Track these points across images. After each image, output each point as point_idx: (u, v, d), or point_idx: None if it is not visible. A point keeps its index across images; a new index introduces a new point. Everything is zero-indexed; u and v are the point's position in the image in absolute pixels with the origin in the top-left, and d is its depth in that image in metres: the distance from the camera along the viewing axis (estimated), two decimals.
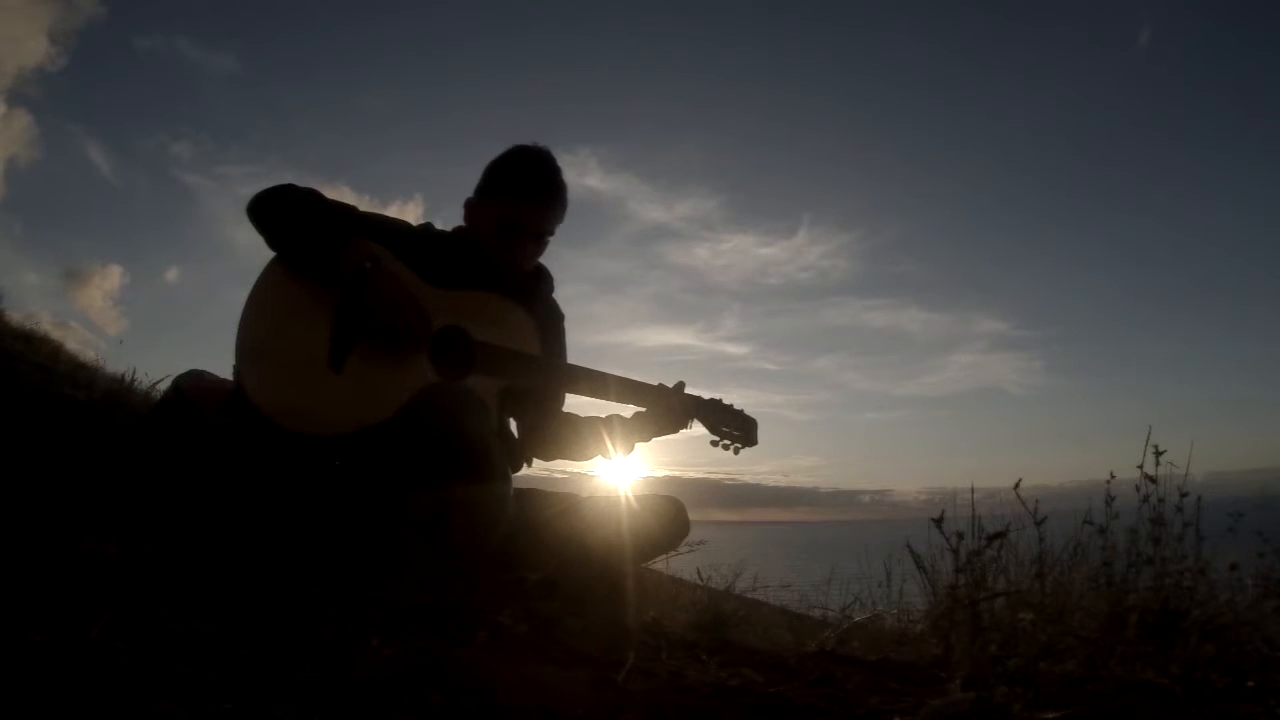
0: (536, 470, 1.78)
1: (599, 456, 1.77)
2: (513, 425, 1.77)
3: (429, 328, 1.49)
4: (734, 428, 1.77)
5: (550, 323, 1.77)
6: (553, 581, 1.49)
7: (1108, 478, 1.70)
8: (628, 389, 1.67)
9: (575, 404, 1.81)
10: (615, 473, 1.79)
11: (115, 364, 3.20)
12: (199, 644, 0.90)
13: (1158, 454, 1.62)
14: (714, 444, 1.76)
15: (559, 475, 1.90)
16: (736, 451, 1.78)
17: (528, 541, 1.54)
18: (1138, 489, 1.63)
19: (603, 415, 1.78)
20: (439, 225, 1.75)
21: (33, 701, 0.71)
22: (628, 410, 1.75)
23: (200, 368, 1.73)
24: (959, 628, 1.44)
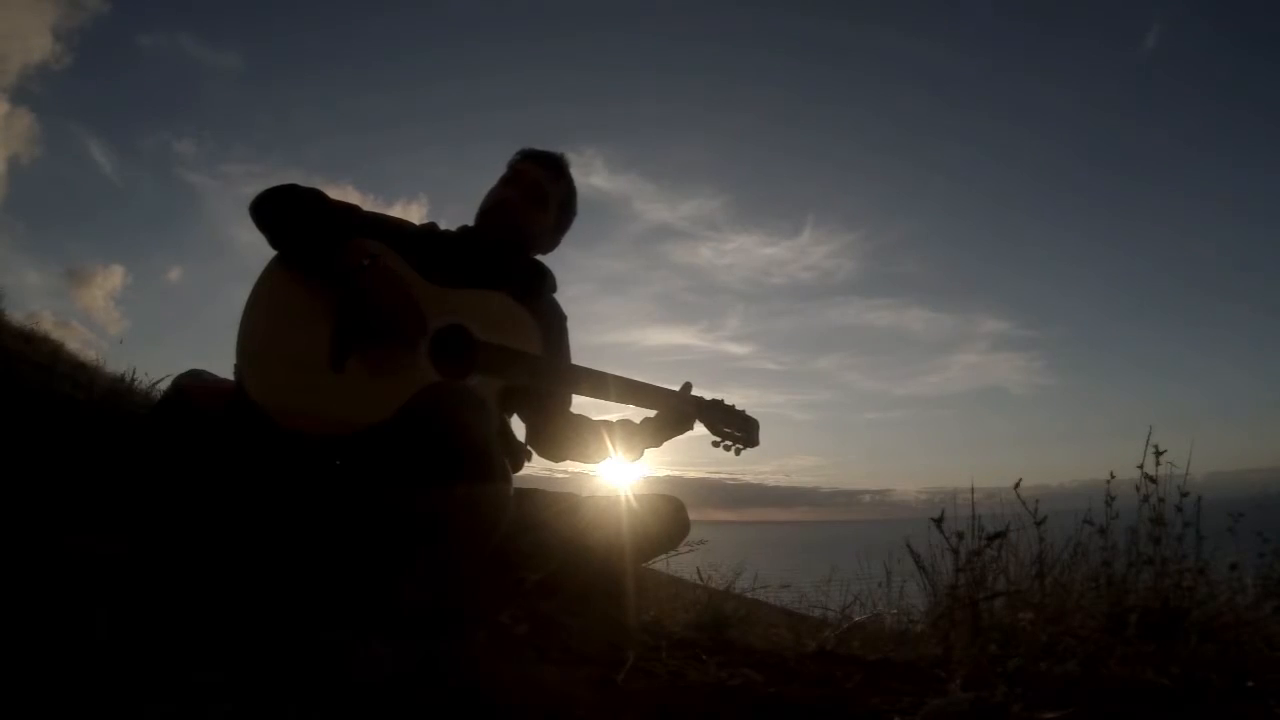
0: (537, 470, 1.78)
1: (605, 459, 1.78)
2: (518, 426, 1.77)
3: (424, 324, 1.49)
4: (735, 428, 1.77)
5: (553, 322, 1.77)
6: (553, 581, 1.49)
7: (1108, 478, 1.70)
8: (629, 389, 1.67)
9: (585, 406, 1.81)
10: (615, 473, 1.79)
11: (115, 364, 3.21)
12: (199, 644, 0.90)
13: (1158, 454, 1.62)
14: (715, 444, 1.76)
15: (559, 475, 1.90)
16: (738, 452, 1.78)
17: (528, 541, 1.54)
18: (1138, 489, 1.63)
19: (614, 418, 1.79)
20: (443, 226, 1.77)
21: (33, 702, 0.71)
22: (639, 414, 1.76)
23: (200, 368, 1.73)
24: (959, 628, 1.44)
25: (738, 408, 1.80)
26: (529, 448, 1.75)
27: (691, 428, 1.75)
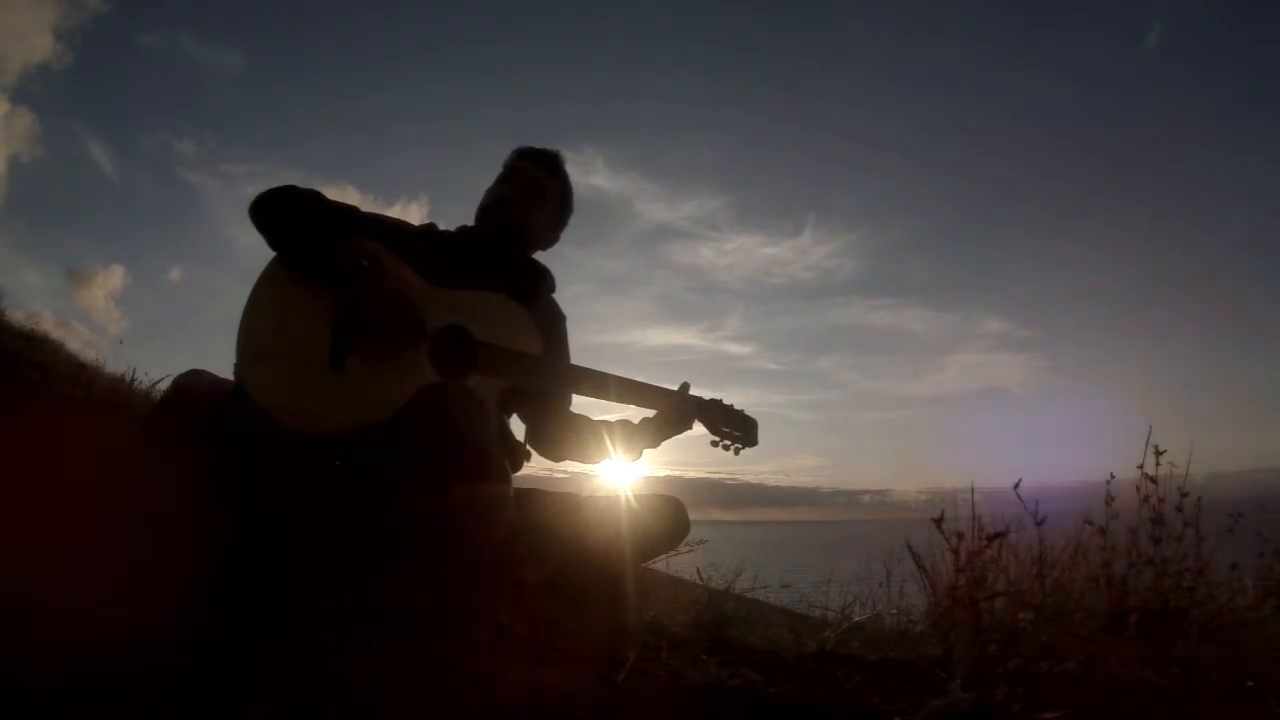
0: (537, 470, 1.78)
1: (605, 459, 1.78)
2: (518, 426, 1.77)
3: (423, 325, 1.49)
4: (734, 428, 1.77)
5: (552, 323, 1.77)
6: (553, 581, 1.49)
7: (1108, 478, 1.70)
8: (629, 389, 1.67)
9: (585, 406, 1.81)
10: (615, 473, 1.79)
11: (115, 364, 3.20)
12: (198, 643, 0.90)
13: (1158, 454, 1.62)
14: (714, 444, 1.76)
15: (559, 475, 1.90)
16: (737, 452, 1.78)
17: (528, 541, 1.54)
18: (1138, 489, 1.63)
19: (613, 418, 1.79)
20: (442, 226, 1.77)
21: (33, 699, 0.71)
22: (638, 414, 1.76)
23: (200, 368, 1.73)
24: (959, 628, 1.44)
25: (736, 407, 1.80)
26: (529, 448, 1.75)
27: (690, 428, 1.75)
